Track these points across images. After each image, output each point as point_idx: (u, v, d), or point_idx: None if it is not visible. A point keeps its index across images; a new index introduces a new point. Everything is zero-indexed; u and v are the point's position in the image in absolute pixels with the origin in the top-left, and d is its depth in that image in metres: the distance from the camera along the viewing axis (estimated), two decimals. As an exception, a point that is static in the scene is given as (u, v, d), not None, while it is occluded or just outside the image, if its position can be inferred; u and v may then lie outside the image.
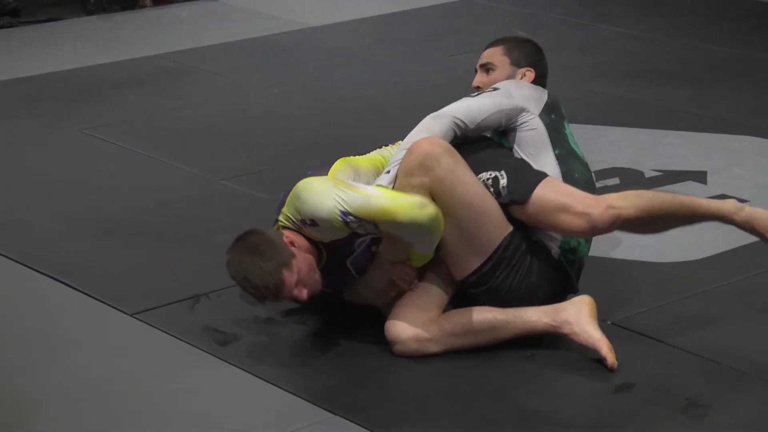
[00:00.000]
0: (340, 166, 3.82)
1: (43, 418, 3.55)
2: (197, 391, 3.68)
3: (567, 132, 3.93)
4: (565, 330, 3.70)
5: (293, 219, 3.72)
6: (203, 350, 3.86)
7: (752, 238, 4.50)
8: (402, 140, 3.86)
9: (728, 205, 3.81)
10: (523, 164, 3.81)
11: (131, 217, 4.87)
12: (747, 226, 3.80)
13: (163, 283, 4.29)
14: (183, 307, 4.13)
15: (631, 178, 5.05)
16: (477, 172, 3.74)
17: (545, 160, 3.82)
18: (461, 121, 3.81)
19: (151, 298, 4.18)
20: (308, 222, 3.67)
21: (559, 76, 6.45)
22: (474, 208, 3.68)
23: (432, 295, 3.78)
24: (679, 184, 5.04)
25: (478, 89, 3.99)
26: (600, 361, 3.65)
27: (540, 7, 7.81)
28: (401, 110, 6.05)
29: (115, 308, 4.13)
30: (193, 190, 5.11)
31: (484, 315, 3.74)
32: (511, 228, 3.74)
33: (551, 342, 3.77)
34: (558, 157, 3.84)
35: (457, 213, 3.67)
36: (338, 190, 3.62)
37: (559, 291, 3.85)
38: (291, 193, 3.73)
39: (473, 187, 3.69)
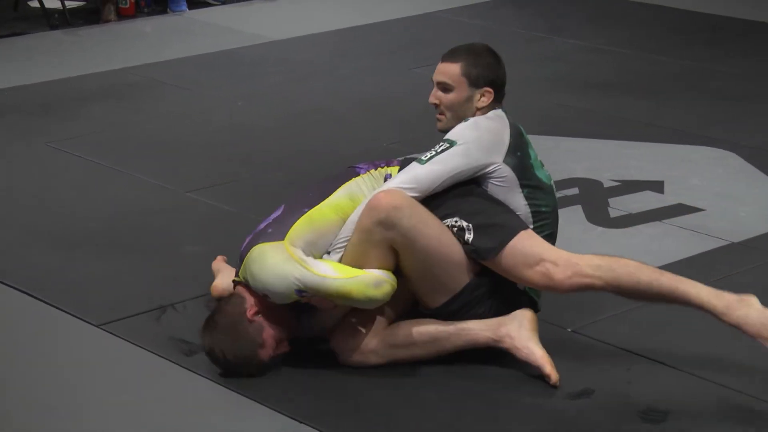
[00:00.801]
0: (299, 228, 3.69)
1: (10, 428, 3.52)
2: (163, 401, 3.66)
3: (532, 158, 3.86)
4: (506, 344, 3.68)
5: (249, 283, 3.71)
6: (169, 360, 3.84)
7: (710, 246, 4.56)
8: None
9: (719, 304, 3.53)
10: (493, 213, 3.72)
11: (97, 229, 4.84)
12: (735, 328, 3.55)
13: (129, 294, 4.27)
14: (149, 317, 4.11)
15: (590, 188, 5.06)
16: (446, 215, 3.70)
17: (515, 204, 3.77)
18: (413, 194, 3.70)
19: (117, 309, 4.16)
20: (261, 293, 3.67)
21: (518, 88, 6.48)
22: (438, 257, 3.65)
23: (379, 309, 3.74)
24: (636, 193, 5.06)
25: (436, 106, 3.91)
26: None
27: (499, 21, 7.84)
28: (363, 122, 6.06)
29: (82, 319, 4.11)
30: (158, 203, 5.09)
31: (426, 327, 3.73)
32: (477, 269, 3.71)
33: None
34: (526, 197, 3.79)
35: (421, 262, 3.65)
36: (294, 269, 3.58)
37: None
38: (247, 258, 3.69)
39: (437, 237, 3.65)
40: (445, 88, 3.86)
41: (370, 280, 3.59)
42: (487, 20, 7.85)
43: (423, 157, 3.74)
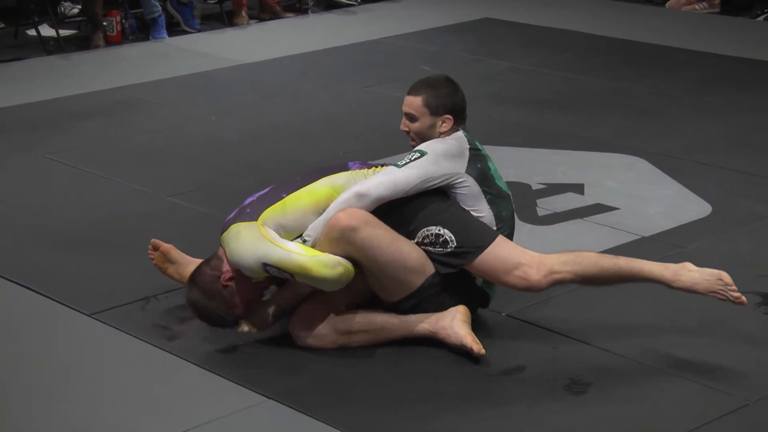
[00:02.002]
0: (272, 211, 3.68)
1: (8, 408, 3.50)
2: (149, 381, 3.65)
3: (492, 170, 3.88)
4: (441, 335, 3.70)
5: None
6: (153, 345, 3.83)
7: (624, 240, 4.59)
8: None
9: (668, 273, 3.67)
10: (470, 221, 3.75)
11: (88, 229, 4.81)
12: (688, 290, 3.69)
13: (117, 287, 4.24)
14: (135, 307, 4.09)
15: (520, 190, 5.08)
16: (422, 227, 3.70)
17: (481, 210, 3.79)
18: (386, 197, 3.71)
19: (106, 300, 4.14)
20: (235, 267, 3.66)
21: (458, 104, 6.51)
22: (393, 264, 3.65)
23: (335, 296, 3.72)
24: (560, 195, 5.09)
25: (407, 132, 3.90)
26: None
27: (442, 45, 7.85)
28: (322, 135, 6.05)
29: (75, 309, 4.09)
30: (142, 206, 5.07)
31: (375, 318, 3.73)
32: (433, 270, 3.71)
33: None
34: (489, 202, 3.81)
35: (377, 269, 3.65)
36: (263, 245, 3.58)
37: (477, 306, 3.86)
38: (226, 234, 3.69)
39: (390, 249, 3.64)
40: (411, 118, 3.89)
41: (329, 261, 3.58)
42: (431, 45, 7.86)
43: (399, 162, 3.77)
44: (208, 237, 4.14)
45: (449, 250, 3.69)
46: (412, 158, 3.77)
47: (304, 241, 3.67)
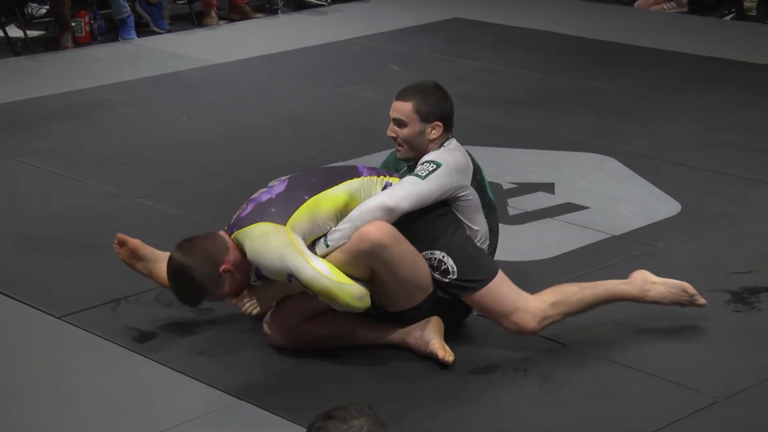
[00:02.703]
0: (300, 217, 3.59)
1: (-18, 410, 3.48)
2: (119, 383, 3.63)
3: (485, 181, 3.90)
4: (411, 343, 3.72)
5: (242, 250, 3.61)
6: (124, 347, 3.82)
7: (595, 239, 4.61)
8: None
9: (635, 291, 3.79)
10: (470, 248, 3.72)
11: (57, 231, 4.79)
12: (655, 303, 3.83)
13: (87, 289, 4.23)
14: (105, 309, 4.08)
15: (491, 190, 5.08)
16: (425, 249, 3.69)
17: (478, 222, 3.80)
18: (412, 209, 3.68)
19: (76, 302, 4.12)
20: (254, 263, 3.59)
21: (428, 104, 6.52)
22: (408, 282, 3.66)
23: (312, 299, 3.68)
24: (531, 194, 5.10)
25: (394, 138, 3.84)
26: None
27: (411, 46, 7.85)
28: (293, 135, 6.04)
29: (45, 312, 4.07)
30: (112, 207, 5.05)
31: (350, 323, 3.72)
32: (432, 288, 3.72)
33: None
34: (485, 215, 3.83)
35: (393, 283, 3.65)
36: (294, 258, 3.50)
37: (460, 317, 3.87)
38: (249, 230, 3.57)
39: (413, 266, 3.65)
40: (400, 123, 3.83)
41: (356, 293, 3.55)
42: (400, 45, 7.87)
43: (420, 174, 3.71)
44: (179, 238, 4.12)
45: (448, 280, 3.69)
46: (431, 170, 3.71)
47: (327, 246, 3.63)
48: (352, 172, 3.75)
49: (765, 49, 7.68)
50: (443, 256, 3.69)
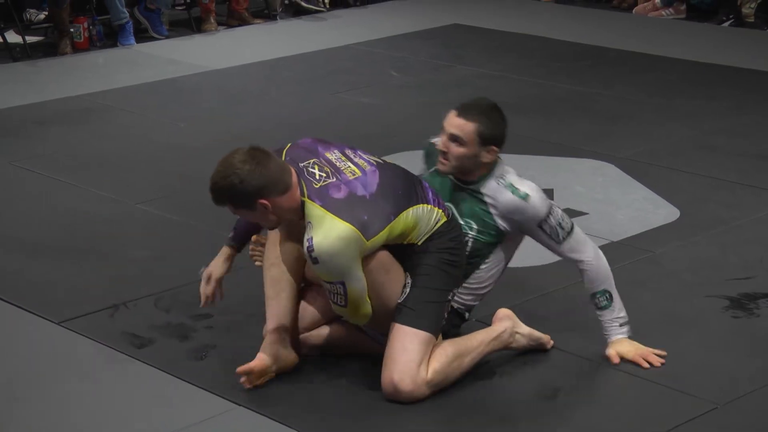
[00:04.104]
0: (380, 238, 3.39)
1: (-20, 416, 3.47)
2: (117, 389, 3.62)
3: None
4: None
5: (297, 202, 3.38)
6: (122, 352, 3.80)
7: (601, 242, 4.56)
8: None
9: (502, 346, 3.67)
10: (436, 296, 3.53)
11: (56, 236, 4.78)
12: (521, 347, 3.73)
13: (86, 295, 4.22)
14: (103, 315, 4.07)
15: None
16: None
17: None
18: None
19: (75, 307, 4.11)
20: (310, 254, 3.33)
21: (427, 111, 6.52)
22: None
23: (308, 312, 3.68)
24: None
25: (444, 153, 3.65)
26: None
27: (410, 52, 7.85)
28: (291, 141, 6.02)
29: (43, 317, 4.05)
30: (110, 213, 5.04)
31: (348, 334, 3.68)
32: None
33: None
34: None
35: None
36: (355, 271, 3.36)
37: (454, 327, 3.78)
38: (332, 220, 3.31)
39: (379, 293, 3.51)
40: (458, 141, 3.63)
41: (368, 312, 3.50)
42: (398, 51, 7.87)
43: (557, 239, 3.67)
44: (177, 243, 4.13)
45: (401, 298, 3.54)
46: (557, 223, 3.65)
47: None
48: (425, 192, 3.55)
49: (763, 55, 7.69)
50: (408, 280, 3.53)
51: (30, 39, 7.99)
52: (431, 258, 3.52)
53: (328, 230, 3.32)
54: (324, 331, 3.71)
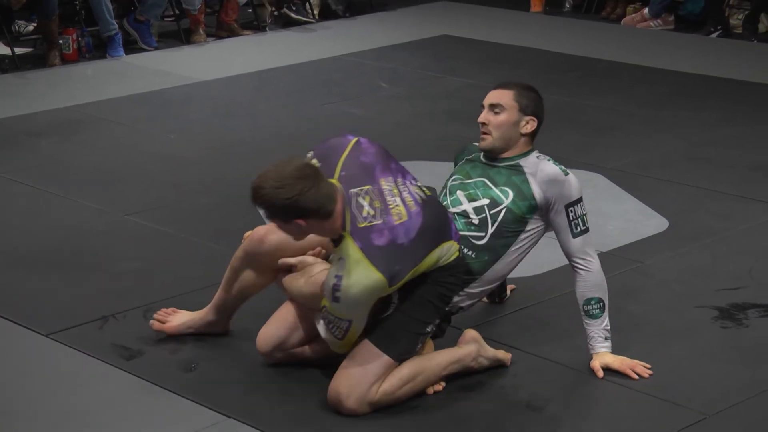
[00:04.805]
0: (403, 282, 3.38)
1: (-32, 429, 3.46)
2: (106, 401, 3.61)
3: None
4: None
5: (335, 228, 3.37)
6: (111, 364, 3.79)
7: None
8: None
9: (462, 369, 3.62)
10: (401, 328, 3.48)
11: (44, 248, 4.77)
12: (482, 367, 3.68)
13: (74, 306, 4.21)
14: (92, 327, 4.06)
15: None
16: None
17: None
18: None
19: (63, 319, 4.10)
20: (334, 292, 3.34)
21: (418, 121, 6.53)
22: None
23: (296, 334, 3.68)
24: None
25: (483, 125, 3.73)
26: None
27: (399, 63, 7.87)
28: (280, 153, 6.00)
29: (31, 329, 4.04)
30: (100, 224, 5.03)
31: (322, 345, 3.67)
32: None
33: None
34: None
35: None
36: (363, 314, 3.39)
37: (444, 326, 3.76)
38: (365, 265, 3.28)
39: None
40: (498, 108, 3.70)
41: (350, 344, 3.49)
42: (389, 62, 7.88)
43: (575, 230, 3.69)
44: (167, 255, 4.12)
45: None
46: (581, 215, 3.68)
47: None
48: (450, 229, 3.51)
49: (751, 66, 7.72)
50: (391, 297, 3.48)
51: (19, 50, 7.98)
52: (428, 288, 3.49)
53: (360, 277, 3.29)
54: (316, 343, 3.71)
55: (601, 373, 3.67)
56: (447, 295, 3.55)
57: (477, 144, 3.87)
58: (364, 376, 3.43)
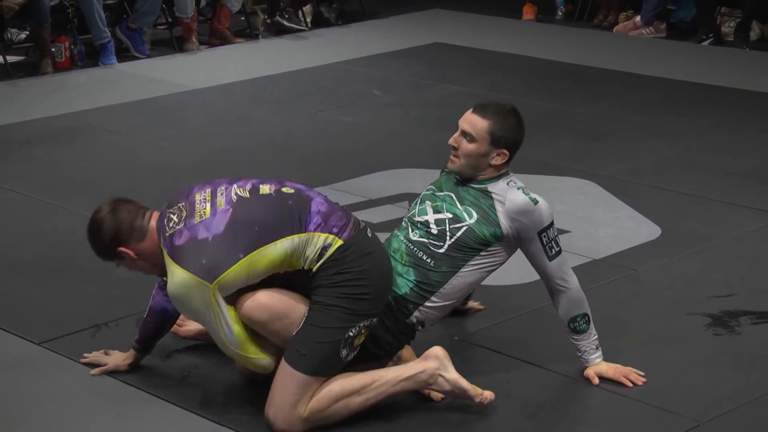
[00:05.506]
0: (232, 277, 3.33)
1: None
2: (100, 410, 3.60)
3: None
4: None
5: (159, 249, 3.44)
6: (104, 373, 3.78)
7: (575, 263, 4.58)
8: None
9: (418, 387, 3.50)
10: (316, 337, 3.38)
11: (36, 256, 4.76)
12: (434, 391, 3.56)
13: (67, 315, 4.20)
14: (85, 335, 4.05)
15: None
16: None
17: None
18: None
19: (56, 328, 4.09)
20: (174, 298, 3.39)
21: (411, 128, 6.54)
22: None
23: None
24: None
25: (455, 149, 3.66)
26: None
27: (393, 70, 7.87)
28: (273, 160, 6.04)
29: (23, 338, 4.03)
30: (92, 233, 5.01)
31: None
32: None
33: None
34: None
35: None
36: (208, 319, 3.35)
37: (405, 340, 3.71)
38: (173, 268, 3.34)
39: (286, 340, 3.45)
40: (469, 138, 3.63)
41: (260, 363, 3.44)
42: (381, 70, 7.88)
43: (550, 253, 3.63)
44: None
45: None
46: (552, 238, 3.62)
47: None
48: (301, 222, 3.39)
49: (742, 73, 7.74)
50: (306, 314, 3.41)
51: (11, 59, 7.98)
52: (325, 293, 3.38)
53: (172, 280, 3.35)
54: None
55: (596, 380, 3.66)
56: (353, 292, 3.38)
57: None
58: (283, 398, 3.37)
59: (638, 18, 8.93)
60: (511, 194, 3.64)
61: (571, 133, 6.41)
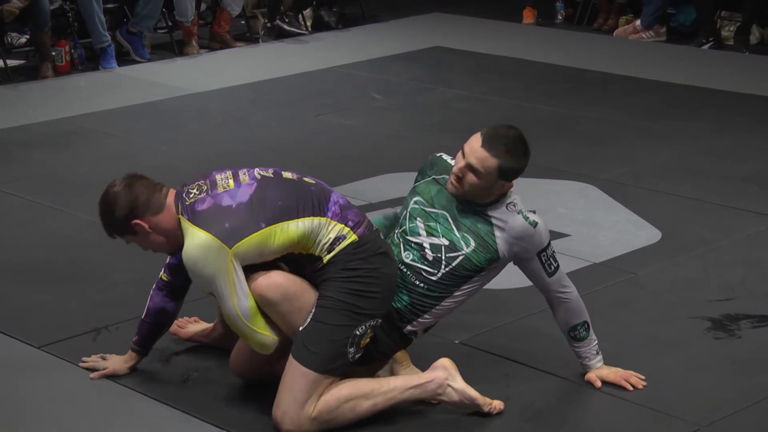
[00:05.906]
0: (249, 246, 3.33)
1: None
2: (99, 413, 3.60)
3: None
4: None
5: (176, 222, 3.44)
6: (105, 377, 3.78)
7: (575, 267, 4.61)
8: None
9: (426, 396, 3.51)
10: (325, 334, 3.38)
11: (37, 260, 4.76)
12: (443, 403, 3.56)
13: (67, 319, 4.20)
14: (86, 339, 4.05)
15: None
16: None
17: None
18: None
19: (56, 331, 4.09)
20: (188, 269, 3.39)
21: (411, 132, 6.54)
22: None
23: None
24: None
25: (459, 178, 3.55)
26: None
27: (393, 74, 7.88)
28: (274, 164, 6.01)
29: (24, 342, 4.03)
30: (91, 236, 5.01)
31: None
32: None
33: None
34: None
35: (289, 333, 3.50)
36: (224, 284, 3.33)
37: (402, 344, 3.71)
38: (193, 231, 3.33)
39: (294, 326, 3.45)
40: (476, 172, 3.51)
41: (264, 342, 3.42)
42: (381, 74, 7.89)
43: (549, 270, 3.62)
44: (159, 266, 4.09)
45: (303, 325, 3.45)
46: (550, 255, 3.61)
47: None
48: (321, 207, 3.43)
49: (742, 77, 7.74)
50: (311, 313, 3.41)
51: (11, 62, 7.98)
52: (335, 287, 3.39)
53: (190, 242, 3.34)
54: None
55: (599, 383, 3.66)
56: (361, 289, 3.39)
57: (445, 158, 3.74)
58: (292, 397, 3.37)
59: (638, 22, 8.93)
60: (511, 220, 3.59)
61: (571, 137, 6.41)
